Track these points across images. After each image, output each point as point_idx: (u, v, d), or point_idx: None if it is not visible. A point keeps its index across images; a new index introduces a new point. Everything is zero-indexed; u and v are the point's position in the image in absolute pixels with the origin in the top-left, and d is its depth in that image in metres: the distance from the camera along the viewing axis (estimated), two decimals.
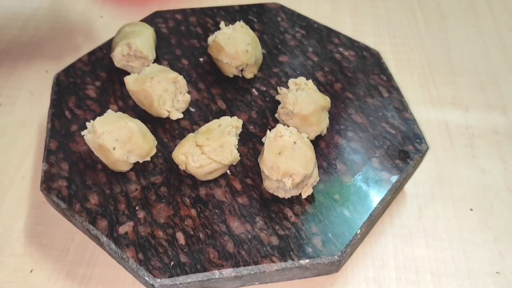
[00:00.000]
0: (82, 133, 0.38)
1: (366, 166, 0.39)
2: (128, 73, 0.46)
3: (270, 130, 0.41)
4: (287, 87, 0.44)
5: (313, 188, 0.38)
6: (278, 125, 0.37)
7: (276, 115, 0.42)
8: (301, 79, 0.41)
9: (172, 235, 0.35)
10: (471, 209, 0.42)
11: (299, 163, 0.35)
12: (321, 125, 0.41)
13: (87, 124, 0.38)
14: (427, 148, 0.41)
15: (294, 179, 0.35)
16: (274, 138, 0.36)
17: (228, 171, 0.39)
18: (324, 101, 0.41)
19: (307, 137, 0.38)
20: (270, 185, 0.37)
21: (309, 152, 0.36)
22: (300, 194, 0.37)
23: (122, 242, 0.35)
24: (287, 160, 0.35)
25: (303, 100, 0.40)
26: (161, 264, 0.34)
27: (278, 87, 0.42)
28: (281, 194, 0.37)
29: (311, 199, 0.37)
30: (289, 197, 0.37)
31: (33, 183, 0.43)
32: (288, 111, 0.40)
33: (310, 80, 0.42)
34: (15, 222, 0.41)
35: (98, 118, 0.38)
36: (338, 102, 0.44)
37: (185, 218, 0.36)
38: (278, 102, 0.44)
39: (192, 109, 0.44)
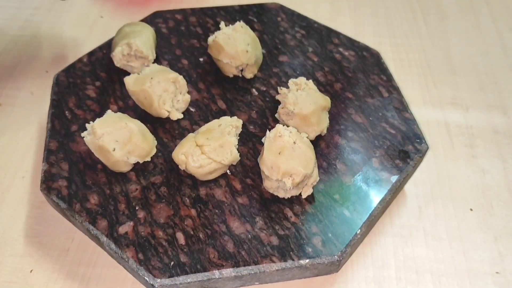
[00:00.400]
0: (82, 134, 0.38)
1: (366, 166, 0.39)
2: (128, 73, 0.46)
3: (269, 130, 0.41)
4: (287, 87, 0.44)
5: (313, 188, 0.38)
6: (277, 125, 0.37)
7: (276, 115, 0.42)
8: (302, 79, 0.41)
9: (172, 235, 0.35)
10: (471, 209, 0.42)
11: (299, 163, 0.35)
12: (321, 125, 0.41)
13: (87, 125, 0.38)
14: (427, 148, 0.41)
15: (294, 179, 0.35)
16: (274, 138, 0.36)
17: (228, 171, 0.39)
18: (325, 101, 0.41)
19: (307, 137, 0.38)
20: (270, 185, 0.37)
21: (309, 152, 0.36)
22: (300, 194, 0.37)
23: (122, 242, 0.35)
24: (287, 160, 0.35)
25: (304, 100, 0.40)
26: (161, 264, 0.34)
27: (279, 87, 0.42)
28: (281, 194, 0.37)
29: (311, 199, 0.37)
30: (289, 197, 0.37)
31: (33, 183, 0.43)
32: (288, 111, 0.40)
33: (311, 80, 0.42)
34: (15, 222, 0.41)
35: (97, 119, 0.38)
36: (338, 102, 0.44)
37: (185, 218, 0.36)
38: (278, 102, 0.44)
39: (192, 109, 0.44)
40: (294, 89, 0.41)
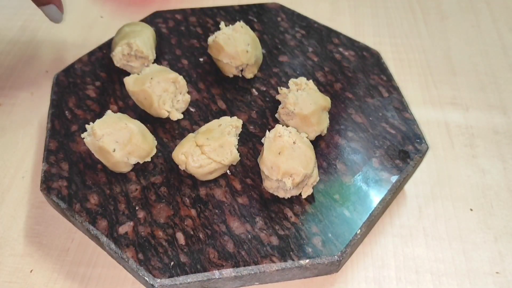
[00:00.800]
0: (82, 135, 0.38)
1: (366, 166, 0.39)
2: (128, 73, 0.46)
3: (269, 130, 0.41)
4: (287, 87, 0.44)
5: (313, 188, 0.38)
6: (277, 125, 0.37)
7: (276, 115, 0.42)
8: (302, 79, 0.41)
9: (172, 235, 0.35)
10: (471, 209, 0.42)
11: (299, 162, 0.35)
12: (321, 125, 0.41)
13: (87, 126, 0.38)
14: (427, 148, 0.41)
15: (295, 179, 0.35)
16: (274, 138, 0.36)
17: (228, 171, 0.39)
18: (325, 101, 0.41)
19: (307, 137, 0.38)
20: (270, 185, 0.37)
21: (309, 152, 0.36)
22: (300, 194, 0.37)
23: (122, 242, 0.35)
24: (287, 160, 0.35)
25: (304, 100, 0.40)
26: (161, 264, 0.34)
27: (279, 87, 0.42)
28: (281, 194, 0.37)
29: (311, 199, 0.37)
30: (289, 197, 0.37)
31: (33, 183, 0.43)
32: (288, 111, 0.40)
33: (311, 80, 0.42)
34: (15, 222, 0.41)
35: (97, 120, 0.38)
36: (338, 102, 0.44)
37: (185, 218, 0.36)
38: (278, 102, 0.44)
39: (192, 109, 0.44)
40: (294, 89, 0.41)
